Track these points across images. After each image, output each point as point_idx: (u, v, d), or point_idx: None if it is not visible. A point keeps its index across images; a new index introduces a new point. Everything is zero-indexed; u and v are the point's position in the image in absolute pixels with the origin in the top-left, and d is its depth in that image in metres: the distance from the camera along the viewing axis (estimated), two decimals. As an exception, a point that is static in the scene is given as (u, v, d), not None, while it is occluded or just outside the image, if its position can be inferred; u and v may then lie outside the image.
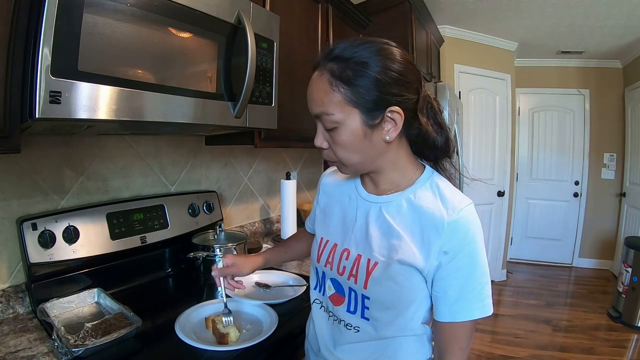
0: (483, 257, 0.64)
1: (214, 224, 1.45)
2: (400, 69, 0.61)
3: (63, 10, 0.67)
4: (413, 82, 0.63)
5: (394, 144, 0.67)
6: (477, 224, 0.64)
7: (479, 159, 3.58)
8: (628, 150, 3.89)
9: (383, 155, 0.66)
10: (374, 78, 0.59)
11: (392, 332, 0.68)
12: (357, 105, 0.60)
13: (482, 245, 0.64)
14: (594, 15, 2.80)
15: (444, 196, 0.66)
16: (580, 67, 4.05)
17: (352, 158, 0.66)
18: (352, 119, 0.61)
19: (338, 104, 0.61)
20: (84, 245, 1.05)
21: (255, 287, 1.20)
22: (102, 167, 1.22)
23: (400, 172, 0.70)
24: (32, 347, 0.82)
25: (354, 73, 0.59)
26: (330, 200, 0.82)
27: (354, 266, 0.69)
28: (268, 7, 1.32)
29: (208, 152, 1.59)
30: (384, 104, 0.60)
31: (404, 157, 0.69)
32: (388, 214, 0.68)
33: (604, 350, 2.43)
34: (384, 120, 0.62)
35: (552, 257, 4.26)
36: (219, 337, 0.85)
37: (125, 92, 0.79)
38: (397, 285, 0.65)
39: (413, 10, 2.40)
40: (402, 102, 0.61)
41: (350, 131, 0.62)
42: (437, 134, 0.68)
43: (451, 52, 3.37)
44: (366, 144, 0.63)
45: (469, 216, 0.64)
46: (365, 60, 0.60)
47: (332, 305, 0.74)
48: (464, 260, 0.63)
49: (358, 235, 0.71)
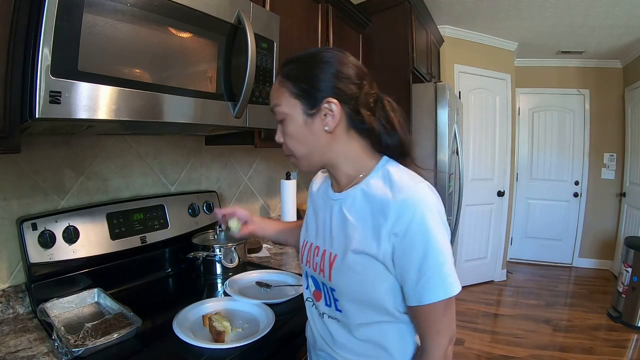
0: (438, 234, 0.62)
1: (214, 224, 1.45)
2: (336, 64, 0.69)
3: (63, 10, 0.67)
4: (352, 77, 0.69)
5: (342, 137, 0.71)
6: (425, 200, 0.63)
7: (479, 159, 3.58)
8: (628, 150, 3.88)
9: (330, 147, 0.71)
10: (313, 73, 0.69)
11: (370, 322, 0.69)
12: (299, 97, 0.69)
13: (434, 223, 0.62)
14: (594, 15, 2.80)
15: (393, 180, 0.67)
16: (580, 67, 4.05)
17: (299, 149, 0.72)
18: (295, 111, 0.70)
19: (284, 97, 0.70)
20: (84, 245, 1.05)
21: (256, 287, 1.20)
22: (102, 167, 1.22)
23: (353, 165, 0.73)
24: (32, 347, 0.82)
25: (298, 70, 0.70)
26: (312, 204, 0.87)
27: (322, 261, 0.74)
28: (268, 7, 1.32)
29: (208, 152, 1.59)
30: (321, 95, 0.68)
31: (356, 151, 0.72)
32: (345, 208, 0.72)
33: (604, 350, 2.43)
34: (322, 110, 0.68)
35: (552, 257, 4.26)
36: (215, 335, 0.86)
37: (125, 92, 0.79)
38: (356, 274, 0.67)
39: (413, 10, 2.40)
40: (338, 94, 0.68)
41: (294, 122, 0.70)
42: (388, 133, 0.71)
43: (451, 52, 3.37)
44: (308, 134, 0.70)
45: (416, 194, 0.63)
46: (308, 60, 0.71)
47: (316, 301, 0.79)
48: (415, 240, 0.61)
49: (326, 233, 0.76)
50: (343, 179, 0.75)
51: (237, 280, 1.21)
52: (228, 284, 1.16)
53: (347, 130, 0.70)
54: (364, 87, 0.70)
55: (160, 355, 0.84)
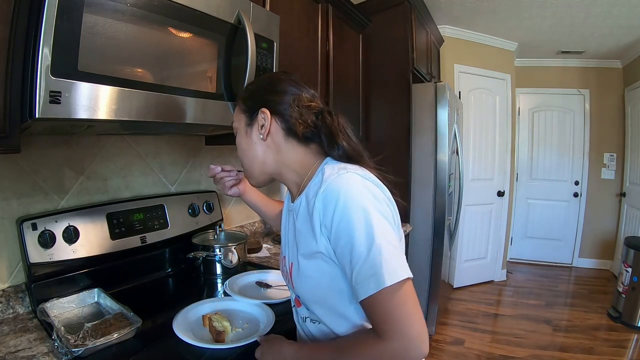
0: (362, 221, 0.58)
1: (214, 224, 1.45)
2: (273, 82, 0.78)
3: (63, 10, 0.67)
4: (283, 91, 0.75)
5: (281, 146, 0.75)
6: (348, 188, 0.60)
7: (479, 159, 3.58)
8: (628, 150, 3.88)
9: (270, 156, 0.76)
10: (252, 89, 0.80)
11: (343, 326, 0.69)
12: (244, 112, 0.78)
13: (358, 210, 0.58)
14: (594, 15, 2.80)
15: (325, 176, 0.66)
16: (580, 67, 4.05)
17: (244, 160, 0.80)
18: (240, 124, 0.79)
19: (237, 114, 0.80)
20: (84, 245, 1.05)
21: (256, 287, 1.20)
22: (102, 167, 1.22)
23: (296, 172, 0.76)
24: (32, 347, 0.82)
25: (246, 92, 0.82)
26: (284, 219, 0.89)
27: (288, 270, 0.76)
28: (268, 7, 1.32)
29: (208, 152, 1.59)
30: (256, 107, 0.75)
31: (298, 158, 0.75)
32: (296, 217, 0.74)
33: (604, 350, 2.43)
34: (257, 121, 0.75)
35: (552, 257, 4.26)
36: (215, 335, 0.86)
37: (125, 92, 0.79)
38: (311, 279, 0.69)
39: (413, 10, 2.40)
40: (270, 105, 0.74)
41: (240, 133, 0.79)
42: (330, 144, 0.72)
43: (451, 52, 3.37)
44: (249, 144, 0.77)
45: (338, 183, 0.62)
46: (255, 82, 0.84)
47: (297, 307, 0.81)
48: (341, 229, 0.59)
49: (289, 243, 0.78)
50: (293, 188, 0.78)
51: (237, 280, 1.21)
52: (228, 284, 1.16)
53: (285, 139, 0.75)
54: (300, 101, 0.74)
55: (160, 355, 0.84)
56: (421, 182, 2.53)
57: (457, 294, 3.44)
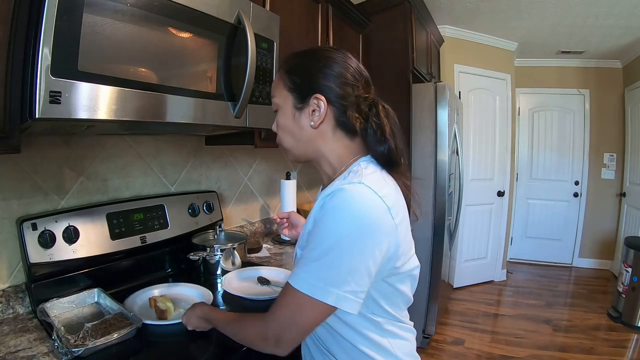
0: (336, 234, 0.57)
1: (214, 224, 1.45)
2: (330, 63, 0.70)
3: (63, 10, 0.67)
4: (342, 76, 0.69)
5: (327, 136, 0.71)
6: (346, 198, 0.58)
7: (479, 159, 3.58)
8: (628, 150, 3.88)
9: (314, 143, 0.72)
10: (306, 68, 0.71)
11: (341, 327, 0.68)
12: (291, 91, 0.72)
13: (339, 223, 0.57)
14: (594, 15, 2.80)
15: (346, 178, 0.66)
16: (580, 67, 4.05)
17: (286, 139, 0.75)
18: (286, 103, 0.73)
19: (279, 90, 0.74)
20: (84, 245, 1.05)
21: (256, 283, 1.22)
22: (102, 167, 1.22)
23: (332, 165, 0.73)
24: (32, 347, 0.82)
25: (295, 65, 0.73)
26: None
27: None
28: (268, 7, 1.32)
29: (208, 152, 1.59)
30: (310, 91, 0.69)
31: (339, 151, 0.72)
32: (317, 209, 0.69)
33: (604, 350, 2.43)
34: (309, 106, 0.69)
35: (552, 257, 4.26)
36: (159, 313, 0.97)
37: (125, 92, 0.79)
38: None
39: (413, 10, 2.40)
40: (327, 92, 0.69)
41: (285, 113, 0.73)
42: (378, 140, 0.69)
43: (451, 52, 3.37)
44: (295, 127, 0.72)
45: (342, 191, 0.59)
46: (305, 56, 0.74)
47: None
48: (316, 227, 0.60)
49: None
50: (325, 179, 0.76)
51: (235, 277, 1.24)
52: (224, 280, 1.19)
53: (333, 129, 0.71)
54: (357, 90, 0.70)
55: (160, 355, 0.84)
56: (421, 182, 2.53)
57: (457, 294, 3.44)
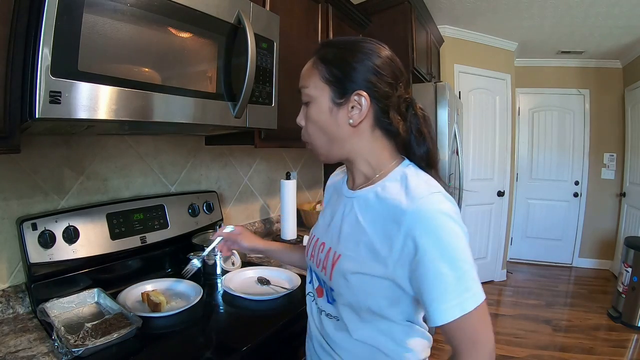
0: (455, 245, 0.57)
1: (214, 224, 1.45)
2: (376, 60, 0.66)
3: (63, 10, 0.67)
4: (387, 75, 0.66)
5: (366, 134, 0.68)
6: (442, 211, 0.58)
7: (479, 159, 3.58)
8: (628, 150, 3.88)
9: (351, 141, 0.69)
10: (349, 61, 0.66)
11: (367, 324, 0.67)
12: (329, 83, 0.66)
13: (451, 234, 0.58)
14: (594, 15, 2.80)
15: (409, 186, 0.63)
16: (580, 67, 4.05)
17: (318, 136, 0.70)
18: (323, 96, 0.67)
19: (314, 80, 0.68)
20: (84, 245, 1.05)
21: (256, 283, 1.23)
22: (102, 167, 1.22)
23: (371, 165, 0.70)
24: (32, 347, 0.82)
25: (334, 56, 0.67)
26: (327, 202, 0.85)
27: (326, 258, 0.71)
28: (268, 7, 1.32)
29: (208, 152, 1.59)
30: (352, 87, 0.65)
31: (377, 151, 0.70)
32: (358, 208, 0.69)
33: (604, 350, 2.43)
34: (350, 102, 0.65)
35: (552, 257, 4.26)
36: (153, 306, 0.99)
37: (125, 92, 0.79)
38: (354, 278, 0.64)
39: (413, 10, 2.40)
40: (371, 89, 0.65)
41: (320, 107, 0.68)
42: (417, 142, 0.69)
43: (451, 52, 3.37)
44: (332, 123, 0.67)
45: (432, 204, 0.59)
46: (346, 47, 0.68)
47: (317, 297, 0.77)
48: (431, 253, 0.57)
49: (334, 230, 0.73)
50: (359, 177, 0.72)
51: (234, 277, 1.24)
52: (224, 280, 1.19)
53: (372, 128, 0.68)
54: (398, 89, 0.67)
55: (160, 355, 0.84)
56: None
57: (457, 294, 3.44)
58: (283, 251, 1.04)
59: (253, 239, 1.04)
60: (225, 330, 0.99)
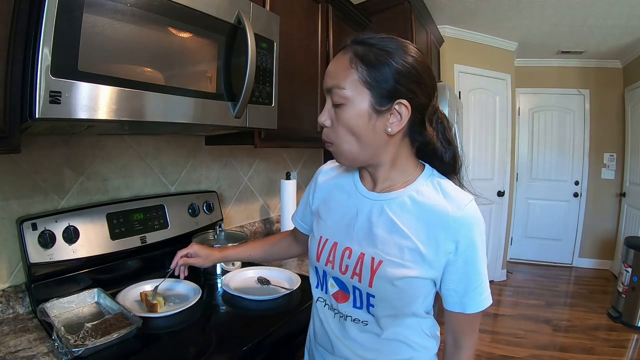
0: (483, 253, 0.67)
1: (214, 224, 1.45)
2: (419, 69, 0.64)
3: (63, 10, 0.67)
4: (427, 85, 0.65)
5: (396, 141, 0.67)
6: (481, 219, 0.66)
7: (479, 159, 3.58)
8: (628, 150, 3.88)
9: (383, 148, 0.67)
10: (393, 67, 0.61)
11: (395, 325, 0.70)
12: (370, 88, 0.62)
13: (484, 240, 0.67)
14: (594, 15, 2.80)
15: (447, 192, 0.67)
16: (580, 67, 4.05)
17: (348, 140, 0.66)
18: (361, 99, 0.63)
19: (352, 81, 0.63)
20: (84, 245, 1.05)
21: (256, 283, 1.23)
22: (102, 167, 1.22)
23: (398, 171, 0.70)
24: (32, 347, 0.82)
25: (376, 57, 0.62)
26: (327, 197, 0.80)
27: (357, 265, 0.68)
28: (268, 7, 1.32)
29: (208, 152, 1.59)
30: (395, 95, 0.62)
31: (404, 157, 0.70)
32: (391, 211, 0.68)
33: (604, 350, 2.43)
34: (391, 111, 0.63)
35: (552, 257, 4.26)
36: (149, 307, 0.99)
37: (125, 92, 0.79)
38: (402, 283, 0.64)
39: (413, 10, 2.39)
40: (412, 99, 0.63)
41: (357, 111, 0.63)
42: (445, 149, 0.70)
43: (451, 52, 3.37)
44: (368, 130, 0.64)
45: (475, 212, 0.66)
46: (390, 50, 0.62)
47: (336, 303, 0.73)
48: (470, 256, 0.65)
49: (361, 234, 0.70)
50: (384, 182, 0.71)
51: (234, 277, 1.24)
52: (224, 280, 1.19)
53: (402, 137, 0.68)
54: (433, 100, 0.67)
55: (160, 355, 0.84)
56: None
57: (457, 294, 3.44)
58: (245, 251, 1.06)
59: (209, 259, 1.04)
60: (225, 331, 0.99)
